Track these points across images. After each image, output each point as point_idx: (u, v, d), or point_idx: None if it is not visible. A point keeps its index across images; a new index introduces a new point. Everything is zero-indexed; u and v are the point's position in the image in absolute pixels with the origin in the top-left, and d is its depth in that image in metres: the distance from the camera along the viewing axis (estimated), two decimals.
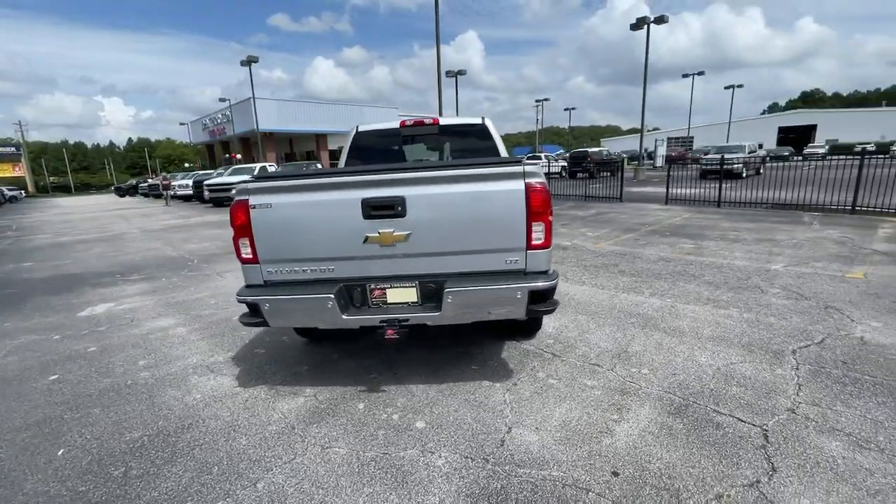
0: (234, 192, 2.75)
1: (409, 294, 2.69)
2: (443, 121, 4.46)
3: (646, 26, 23.37)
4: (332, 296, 2.56)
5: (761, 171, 18.21)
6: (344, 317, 2.62)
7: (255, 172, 19.38)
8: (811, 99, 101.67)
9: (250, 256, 2.71)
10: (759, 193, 10.87)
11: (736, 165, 16.75)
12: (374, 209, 2.54)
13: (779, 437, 2.25)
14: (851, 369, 2.87)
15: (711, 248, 6.53)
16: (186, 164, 67.63)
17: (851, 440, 2.20)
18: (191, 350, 3.75)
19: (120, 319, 4.66)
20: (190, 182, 22.83)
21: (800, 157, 16.58)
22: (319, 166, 20.42)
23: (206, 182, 19.20)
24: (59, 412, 2.86)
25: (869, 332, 3.41)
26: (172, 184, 23.79)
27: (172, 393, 3.03)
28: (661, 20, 23.03)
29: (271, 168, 20.94)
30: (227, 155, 41.16)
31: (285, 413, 2.71)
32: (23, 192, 50.29)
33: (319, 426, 2.55)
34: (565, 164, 28.59)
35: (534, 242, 2.57)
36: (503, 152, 4.45)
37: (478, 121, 4.50)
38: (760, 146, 27.70)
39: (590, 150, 27.51)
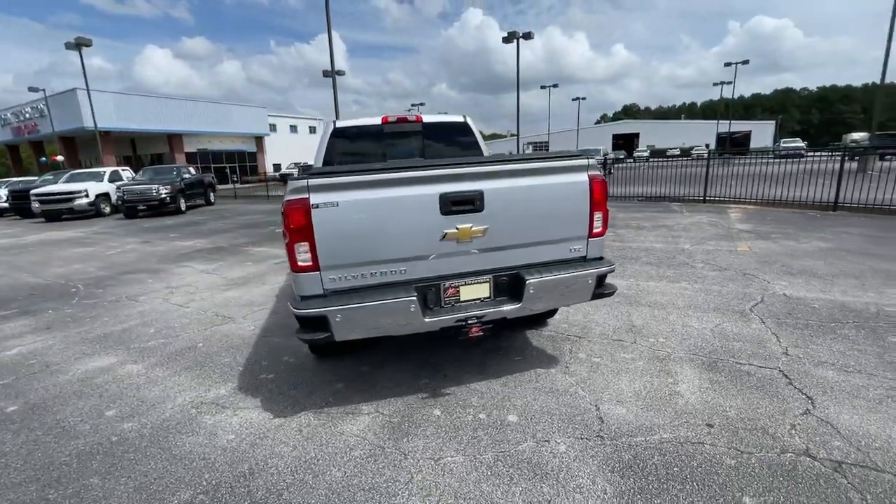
0: (288, 188, 2.38)
1: (482, 290, 2.65)
2: (426, 118, 4.39)
3: (515, 40, 25.69)
4: (416, 298, 2.40)
5: (612, 171, 21.60)
6: (426, 319, 2.47)
7: (107, 177, 16.19)
8: (631, 111, 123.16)
9: (309, 263, 2.37)
10: (626, 189, 12.90)
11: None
12: (454, 204, 2.45)
13: (794, 374, 2.81)
14: (797, 318, 3.69)
15: (627, 235, 7.59)
16: None
17: (837, 368, 2.86)
18: (171, 389, 3.07)
19: (25, 367, 3.55)
20: (3, 192, 17.92)
21: (631, 160, 20.47)
22: (192, 170, 17.82)
23: (34, 191, 15.29)
24: (38, 493, 2.12)
25: (785, 289, 4.40)
26: None
27: (192, 440, 2.47)
28: (528, 36, 25.55)
29: (126, 173, 17.64)
30: (46, 158, 33.36)
31: (359, 435, 2.44)
32: None
33: (411, 440, 2.37)
34: None
35: (594, 231, 2.76)
36: (485, 150, 4.57)
37: (460, 119, 4.55)
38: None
39: None
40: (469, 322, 2.52)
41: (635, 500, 1.88)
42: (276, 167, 42.51)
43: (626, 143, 63.05)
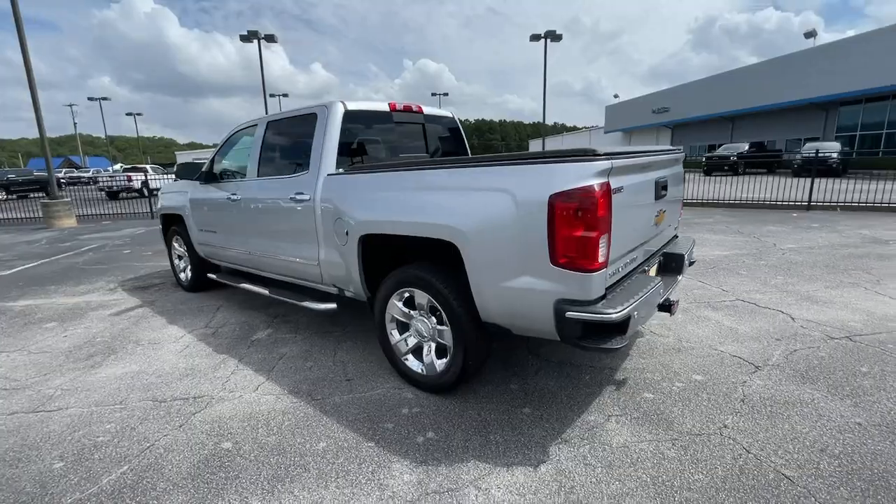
0: (574, 171, 1.93)
1: (654, 270, 2.83)
2: (426, 109, 3.95)
3: (257, 41, 23.53)
4: (662, 281, 2.40)
5: None
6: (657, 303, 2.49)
7: None
8: None
9: (604, 259, 2.02)
10: None
11: None
12: (662, 189, 2.56)
13: (751, 301, 4.21)
14: (689, 270, 5.36)
15: None
16: None
17: (758, 292, 4.45)
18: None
19: None
20: None
21: None
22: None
23: None
24: None
25: None
26: None
27: None
28: (271, 38, 23.83)
29: None
30: None
31: (640, 438, 2.24)
32: None
33: (680, 421, 2.36)
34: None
35: (681, 211, 3.38)
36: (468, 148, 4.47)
37: (448, 114, 4.28)
38: None
39: None
40: (670, 301, 2.68)
41: (840, 391, 2.59)
42: None
43: None
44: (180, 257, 5.25)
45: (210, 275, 4.61)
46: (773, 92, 28.23)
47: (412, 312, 2.75)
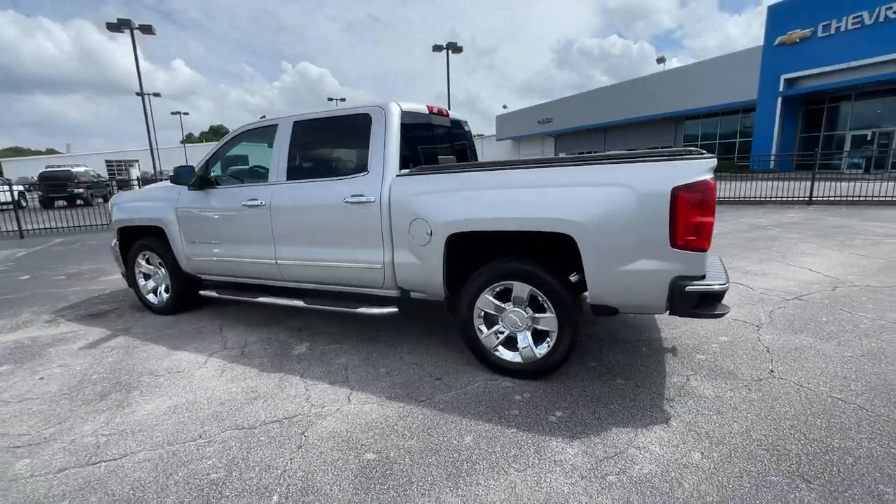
0: (696, 166, 2.31)
1: None
2: (451, 113, 4.07)
3: (130, 31, 20.50)
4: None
5: None
6: None
7: None
8: (221, 131, 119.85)
9: (711, 241, 2.43)
10: None
11: None
12: None
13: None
14: None
15: None
16: None
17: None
18: None
19: None
20: None
21: None
22: None
23: None
24: None
25: None
26: None
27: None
28: (147, 29, 20.94)
29: None
30: None
31: (739, 401, 2.70)
32: None
33: (731, 382, 2.89)
34: (22, 189, 21.00)
35: None
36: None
37: (464, 118, 4.43)
38: None
39: (74, 169, 20.97)
40: None
41: (821, 335, 3.38)
42: None
43: None
44: (147, 276, 4.55)
45: (207, 292, 4.10)
46: (636, 107, 33.15)
47: (504, 305, 2.89)
